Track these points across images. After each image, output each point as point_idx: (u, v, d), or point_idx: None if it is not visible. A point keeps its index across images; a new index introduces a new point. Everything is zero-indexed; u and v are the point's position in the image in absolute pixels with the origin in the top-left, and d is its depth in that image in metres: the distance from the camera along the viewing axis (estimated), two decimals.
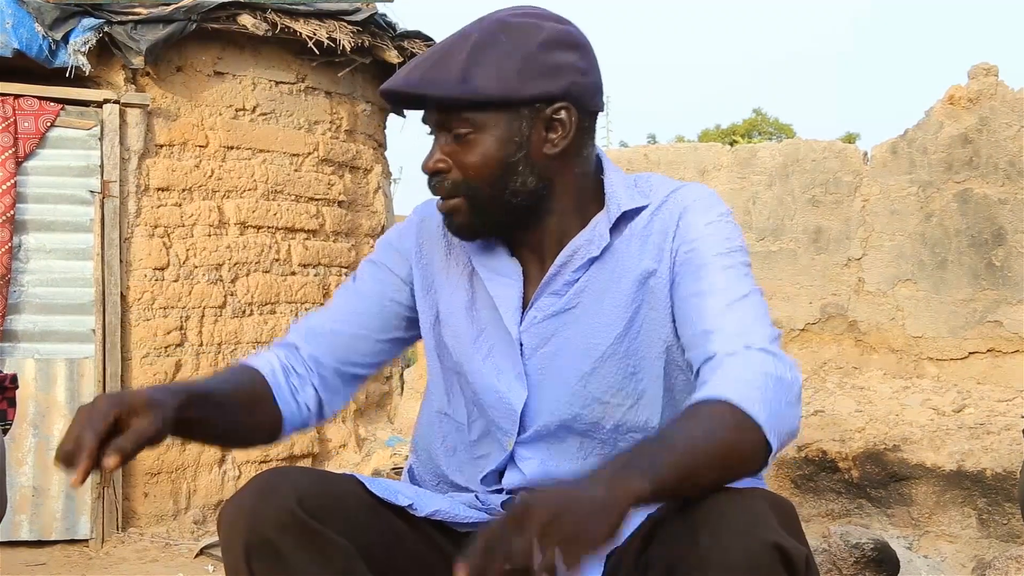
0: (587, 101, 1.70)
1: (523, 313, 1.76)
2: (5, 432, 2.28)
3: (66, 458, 1.42)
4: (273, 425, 1.82)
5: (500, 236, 1.77)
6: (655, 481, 1.35)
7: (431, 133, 1.73)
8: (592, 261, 1.73)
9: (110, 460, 1.40)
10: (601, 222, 1.73)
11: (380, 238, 1.99)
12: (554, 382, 1.73)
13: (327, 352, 1.88)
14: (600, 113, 1.76)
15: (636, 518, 1.58)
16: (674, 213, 1.72)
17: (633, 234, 1.73)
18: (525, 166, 1.68)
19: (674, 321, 1.70)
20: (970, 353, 5.73)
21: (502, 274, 1.77)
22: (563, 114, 1.67)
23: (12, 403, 2.27)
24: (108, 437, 1.42)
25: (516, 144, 1.67)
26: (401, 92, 1.70)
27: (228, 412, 1.71)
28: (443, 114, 1.68)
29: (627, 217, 1.74)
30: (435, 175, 1.71)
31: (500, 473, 1.77)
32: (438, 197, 1.74)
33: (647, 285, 1.71)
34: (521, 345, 1.75)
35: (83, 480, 1.41)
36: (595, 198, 1.76)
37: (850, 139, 20.01)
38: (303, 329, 1.91)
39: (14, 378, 2.27)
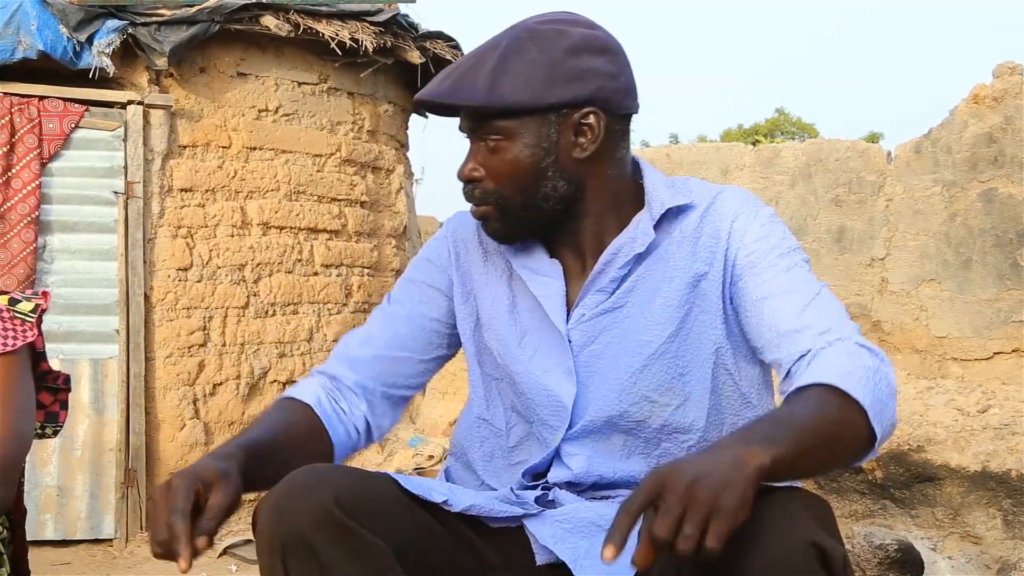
0: (616, 104, 1.72)
1: (568, 312, 1.77)
2: (56, 434, 2.27)
3: (165, 548, 1.44)
4: (326, 456, 1.82)
5: (536, 238, 1.80)
6: (775, 455, 1.36)
7: (467, 139, 1.76)
8: (639, 258, 1.74)
9: (201, 542, 1.43)
10: (644, 220, 1.75)
11: (414, 257, 2.00)
12: (603, 378, 1.74)
13: (372, 378, 1.89)
14: (634, 114, 1.77)
15: None
16: (725, 217, 1.75)
17: (684, 236, 1.75)
18: (555, 171, 1.71)
19: (726, 324, 1.73)
20: (995, 353, 5.70)
21: (543, 274, 1.79)
22: (591, 118, 1.69)
23: (64, 406, 2.25)
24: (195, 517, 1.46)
25: (545, 150, 1.69)
26: (433, 102, 1.72)
27: (284, 456, 1.71)
28: (474, 122, 1.72)
29: (673, 218, 1.76)
30: (469, 183, 1.75)
31: (542, 471, 1.78)
32: (470, 204, 1.77)
33: (699, 288, 1.73)
34: (569, 341, 1.76)
35: (190, 565, 1.42)
36: (633, 199, 1.78)
37: (873, 139, 19.93)
38: (344, 358, 1.91)
39: (67, 379, 2.25)
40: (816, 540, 1.37)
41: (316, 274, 6.80)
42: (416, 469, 6.11)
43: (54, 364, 2.26)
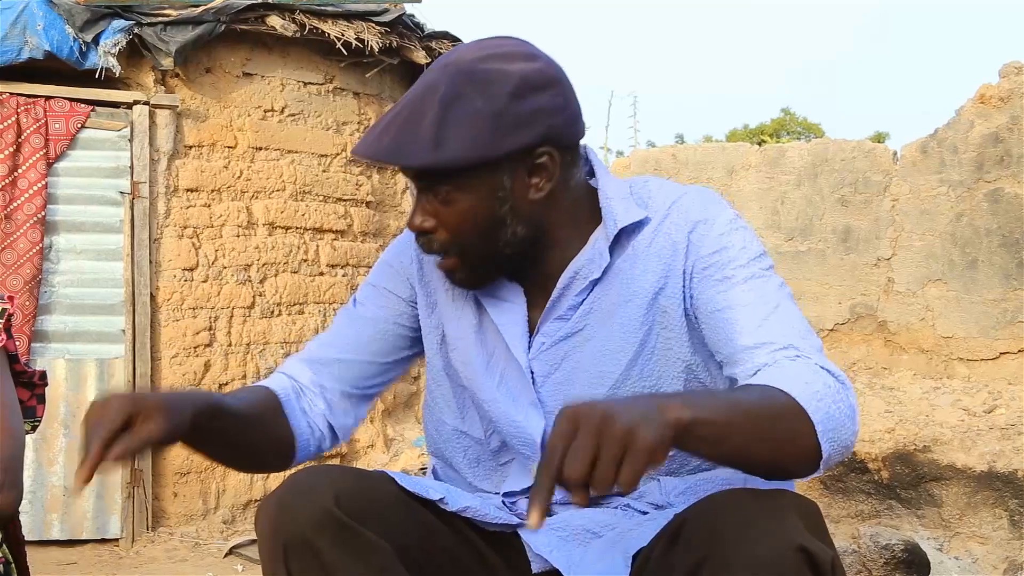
0: (567, 137, 1.64)
1: (530, 339, 1.72)
2: (34, 429, 2.29)
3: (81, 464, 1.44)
4: (286, 445, 1.80)
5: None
6: (696, 414, 1.30)
7: (413, 186, 1.68)
8: (595, 283, 1.69)
9: (112, 453, 1.41)
10: (600, 240, 1.69)
11: (378, 259, 1.95)
12: None
13: (331, 378, 1.86)
14: (582, 138, 1.70)
15: (660, 518, 1.58)
16: (681, 228, 1.67)
17: (637, 253, 1.68)
18: (513, 217, 1.63)
19: (692, 340, 1.66)
20: (1001, 353, 5.69)
21: (505, 299, 1.74)
22: (544, 159, 1.61)
23: (41, 400, 2.27)
24: (117, 436, 1.43)
25: (500, 199, 1.62)
26: (373, 160, 1.64)
27: (243, 427, 1.68)
28: (419, 176, 1.64)
29: (628, 232, 1.69)
30: (422, 234, 1.67)
31: (526, 490, 1.76)
32: (431, 257, 1.71)
33: (657, 304, 1.67)
34: (532, 372, 1.71)
35: (83, 483, 1.41)
36: (591, 212, 1.72)
37: (879, 138, 19.91)
38: (304, 359, 1.88)
39: (43, 375, 2.28)
40: (803, 544, 1.35)
41: (322, 274, 6.80)
42: (422, 469, 6.11)
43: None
